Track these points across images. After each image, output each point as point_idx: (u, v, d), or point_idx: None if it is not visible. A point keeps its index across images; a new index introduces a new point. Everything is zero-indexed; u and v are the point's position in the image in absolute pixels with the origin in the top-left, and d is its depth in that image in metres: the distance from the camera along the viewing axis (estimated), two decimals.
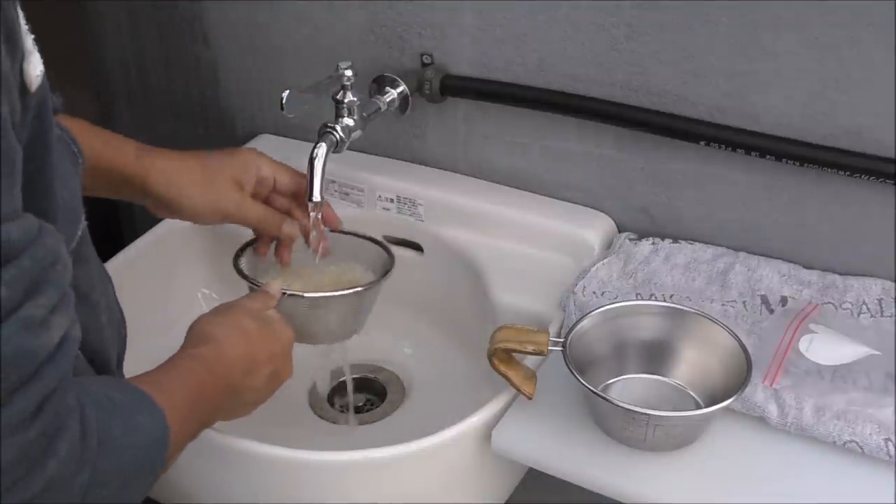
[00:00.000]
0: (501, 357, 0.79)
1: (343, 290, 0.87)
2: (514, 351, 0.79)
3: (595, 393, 0.75)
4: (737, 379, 0.76)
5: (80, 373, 0.58)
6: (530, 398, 0.80)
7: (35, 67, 0.48)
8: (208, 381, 0.66)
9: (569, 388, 0.84)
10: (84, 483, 0.50)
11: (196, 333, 0.71)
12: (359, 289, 0.87)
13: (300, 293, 0.85)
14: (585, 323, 0.81)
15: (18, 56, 0.46)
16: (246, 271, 0.87)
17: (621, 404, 0.74)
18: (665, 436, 0.76)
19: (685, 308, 0.83)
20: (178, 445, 0.61)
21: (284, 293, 0.83)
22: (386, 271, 0.90)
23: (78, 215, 0.57)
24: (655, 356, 0.83)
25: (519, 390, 0.80)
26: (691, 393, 0.81)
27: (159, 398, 0.58)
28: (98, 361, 0.62)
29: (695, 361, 0.82)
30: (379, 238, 0.96)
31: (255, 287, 0.84)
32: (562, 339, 0.78)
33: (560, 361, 0.88)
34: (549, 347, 0.78)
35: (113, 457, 0.52)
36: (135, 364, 0.66)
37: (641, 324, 0.83)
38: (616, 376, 0.83)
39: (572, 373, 0.76)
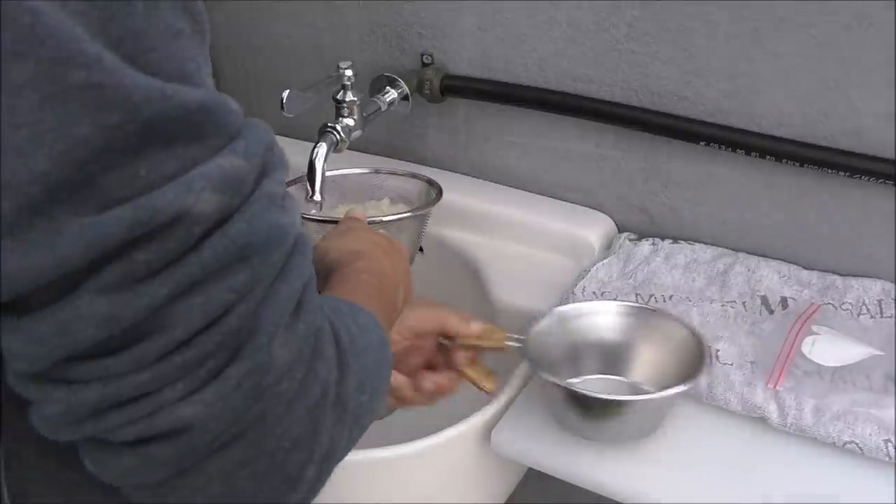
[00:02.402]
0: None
1: (411, 211, 0.91)
2: (473, 347, 0.79)
3: (552, 381, 0.76)
4: (693, 368, 0.76)
5: None
6: (490, 393, 0.80)
7: None
8: (377, 291, 0.62)
9: None
10: (352, 388, 0.46)
11: (341, 253, 0.65)
12: (429, 207, 0.92)
13: (380, 217, 0.87)
14: (544, 323, 0.82)
15: None
16: None
17: (580, 391, 0.74)
18: (620, 424, 0.76)
19: (641, 306, 0.84)
20: None
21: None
22: (434, 196, 0.94)
23: None
24: (613, 356, 0.83)
25: (477, 386, 0.80)
26: (649, 389, 0.81)
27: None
28: None
29: (651, 358, 0.82)
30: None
31: (329, 222, 0.85)
32: (520, 337, 0.79)
33: None
34: (506, 343, 0.78)
35: (362, 358, 0.48)
36: None
37: (599, 324, 0.83)
38: (573, 377, 0.83)
39: (529, 364, 0.78)
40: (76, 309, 0.37)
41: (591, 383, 0.82)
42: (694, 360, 0.77)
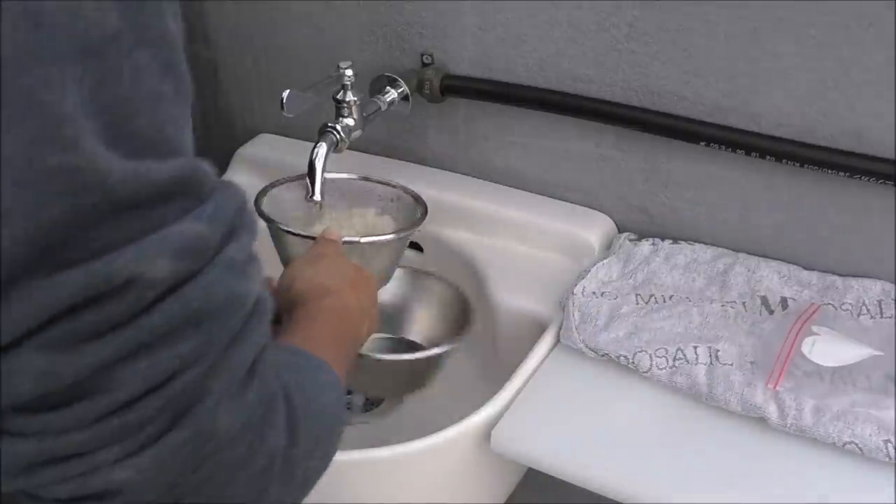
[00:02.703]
0: None
1: (393, 233, 0.88)
2: None
3: None
4: (461, 328, 0.87)
5: None
6: None
7: None
8: (342, 331, 0.64)
9: (568, 388, 0.85)
10: (301, 455, 0.46)
11: (312, 287, 0.66)
12: (411, 230, 0.89)
13: (356, 239, 0.84)
14: None
15: None
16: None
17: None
18: (395, 380, 0.86)
19: (415, 269, 0.93)
20: None
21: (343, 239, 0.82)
22: (418, 217, 0.91)
23: None
24: (393, 318, 0.91)
25: None
26: (423, 346, 0.89)
27: (319, 354, 0.54)
28: None
29: (425, 319, 0.90)
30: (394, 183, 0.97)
31: (306, 237, 0.83)
32: None
33: (559, 362, 0.88)
34: None
35: (316, 424, 0.48)
36: None
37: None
38: None
39: None
40: (16, 363, 0.36)
41: (371, 342, 0.87)
42: (462, 320, 0.88)
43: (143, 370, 0.38)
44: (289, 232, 0.84)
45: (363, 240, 0.84)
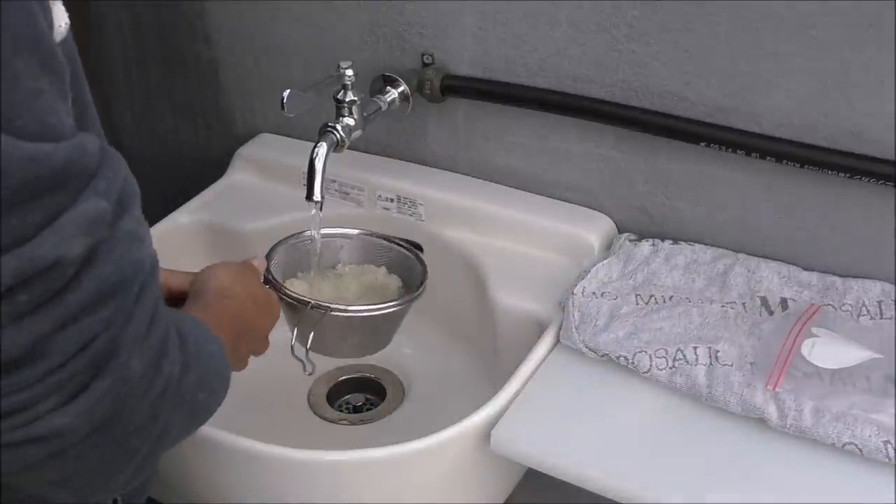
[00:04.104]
0: None
1: (370, 306, 0.87)
2: None
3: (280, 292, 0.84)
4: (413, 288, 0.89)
5: None
6: None
7: (59, 17, 0.50)
8: (235, 327, 0.70)
9: (568, 388, 0.85)
10: (192, 384, 0.54)
11: (220, 288, 0.73)
12: (390, 306, 0.87)
13: (327, 304, 0.84)
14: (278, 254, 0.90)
15: None
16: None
17: (299, 296, 0.84)
18: (352, 340, 0.88)
19: (370, 232, 0.95)
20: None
21: (311, 304, 0.83)
22: (418, 283, 0.90)
23: (101, 132, 0.59)
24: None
25: None
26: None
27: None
28: None
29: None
30: (407, 243, 0.96)
31: (283, 292, 0.85)
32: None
33: (559, 362, 0.88)
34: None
35: (203, 362, 0.57)
36: None
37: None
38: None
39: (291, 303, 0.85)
40: None
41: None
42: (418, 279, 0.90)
43: (73, 336, 0.46)
44: (281, 296, 0.85)
45: (350, 311, 0.85)
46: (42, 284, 0.45)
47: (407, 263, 0.94)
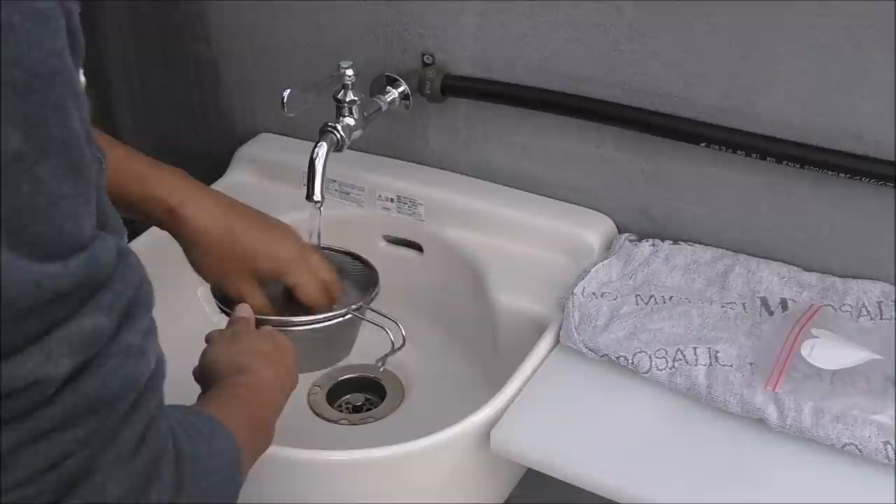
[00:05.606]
0: None
1: (315, 317, 0.84)
2: None
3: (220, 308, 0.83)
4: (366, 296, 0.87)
5: None
6: None
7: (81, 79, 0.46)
8: (259, 406, 0.68)
9: (568, 389, 0.85)
10: None
11: (225, 366, 0.70)
12: (331, 322, 0.85)
13: (270, 318, 0.82)
14: None
15: (79, 65, 0.44)
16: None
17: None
18: (311, 351, 0.85)
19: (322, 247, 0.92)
20: (244, 472, 0.61)
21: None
22: (369, 292, 0.88)
23: (122, 226, 0.54)
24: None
25: None
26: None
27: (225, 424, 0.58)
28: None
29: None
30: (359, 253, 0.93)
31: (227, 311, 0.82)
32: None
33: (559, 362, 0.88)
34: None
35: (203, 480, 0.52)
36: None
37: None
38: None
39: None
40: None
41: None
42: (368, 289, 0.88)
43: (43, 452, 0.42)
44: (264, 321, 0.82)
45: (295, 325, 0.83)
46: (17, 401, 0.40)
47: (363, 273, 0.92)
